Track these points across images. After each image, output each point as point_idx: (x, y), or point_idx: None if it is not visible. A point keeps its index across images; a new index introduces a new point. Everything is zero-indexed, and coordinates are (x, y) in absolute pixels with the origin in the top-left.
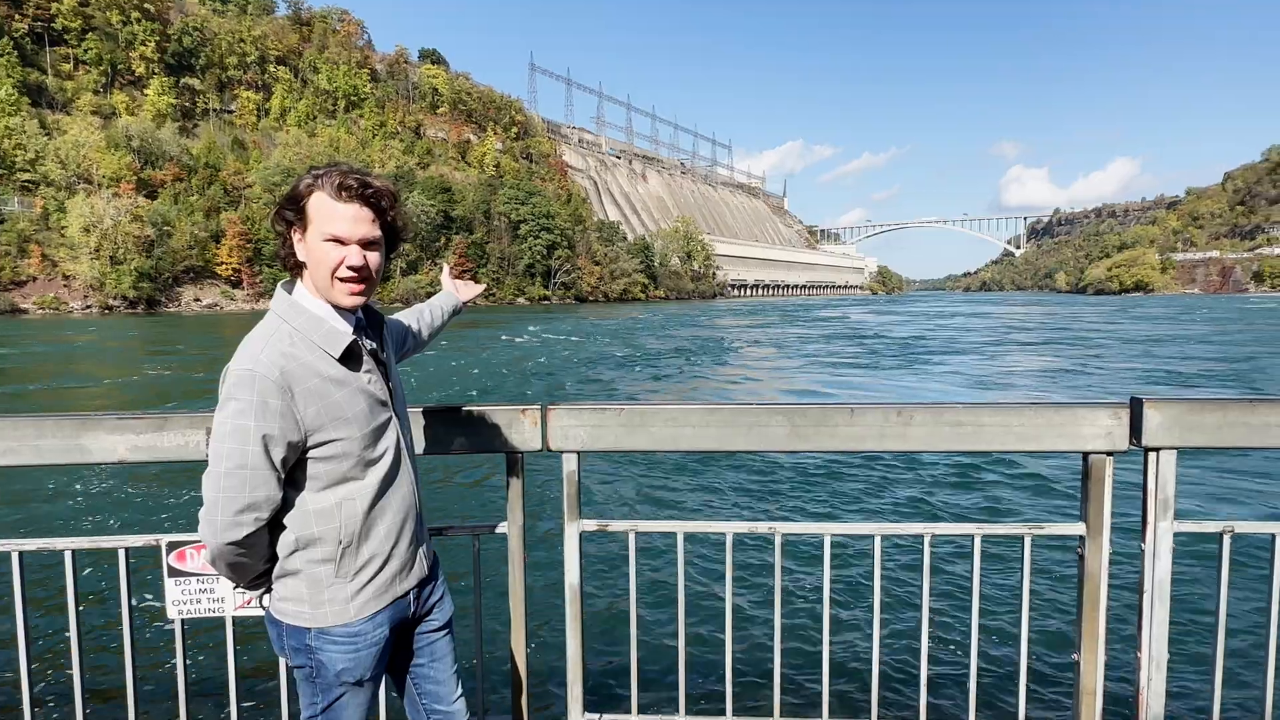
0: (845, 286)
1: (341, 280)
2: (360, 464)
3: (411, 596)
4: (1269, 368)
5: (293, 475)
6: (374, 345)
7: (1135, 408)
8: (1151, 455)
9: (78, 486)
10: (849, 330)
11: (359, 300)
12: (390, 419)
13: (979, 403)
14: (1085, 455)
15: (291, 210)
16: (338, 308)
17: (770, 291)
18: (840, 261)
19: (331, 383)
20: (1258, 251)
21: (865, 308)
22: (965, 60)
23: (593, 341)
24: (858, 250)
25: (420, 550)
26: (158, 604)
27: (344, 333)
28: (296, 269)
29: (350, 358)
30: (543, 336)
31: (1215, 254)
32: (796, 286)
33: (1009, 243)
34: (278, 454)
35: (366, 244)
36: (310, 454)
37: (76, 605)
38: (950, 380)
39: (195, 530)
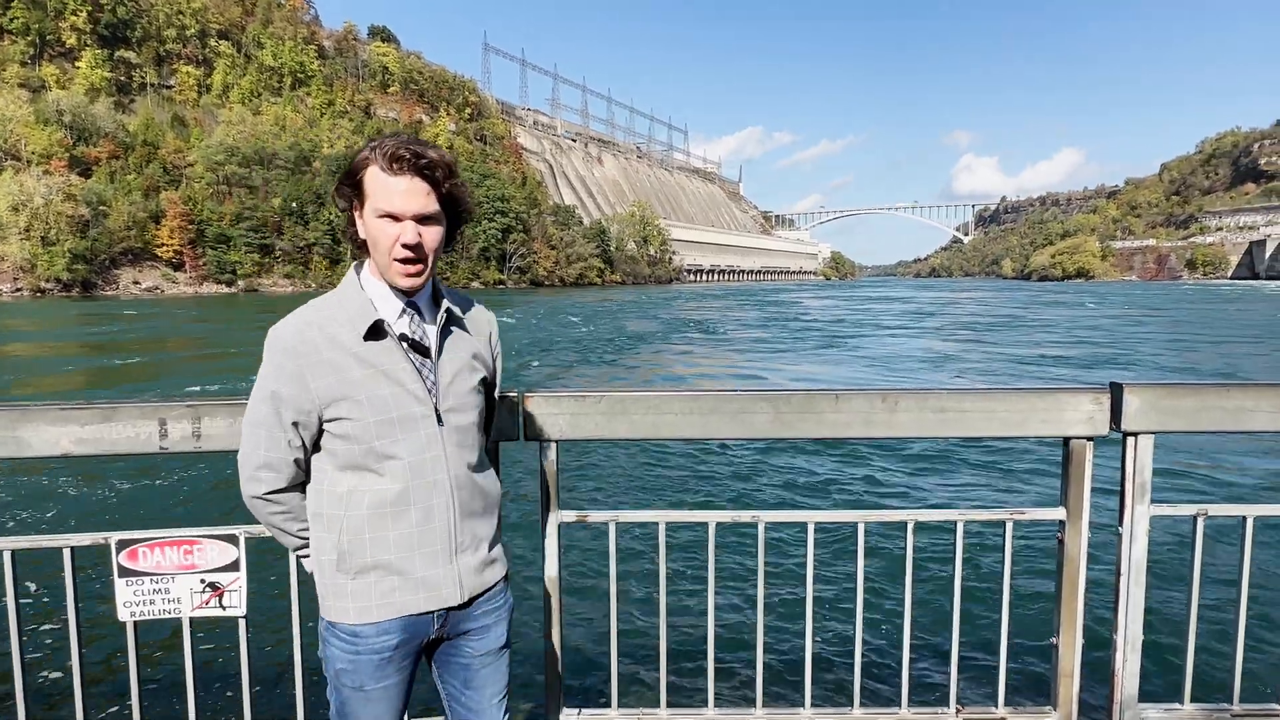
0: (799, 272)
1: (397, 259)
2: (373, 454)
3: (434, 618)
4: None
5: (319, 446)
6: (419, 334)
7: (1115, 393)
8: (1130, 440)
9: (17, 482)
10: (802, 314)
11: (415, 281)
12: (426, 419)
13: (963, 388)
14: (1066, 440)
15: (349, 186)
16: (395, 289)
17: (725, 277)
18: (795, 247)
19: (353, 359)
20: (1191, 240)
21: (818, 292)
22: (925, 49)
23: (558, 326)
24: (812, 236)
25: (454, 575)
26: (108, 606)
27: (373, 311)
28: (363, 248)
29: (378, 338)
30: (505, 321)
31: (1151, 242)
32: (751, 272)
33: (958, 230)
34: (288, 417)
35: (422, 219)
36: (326, 427)
37: (17, 610)
38: (896, 359)
39: (147, 527)
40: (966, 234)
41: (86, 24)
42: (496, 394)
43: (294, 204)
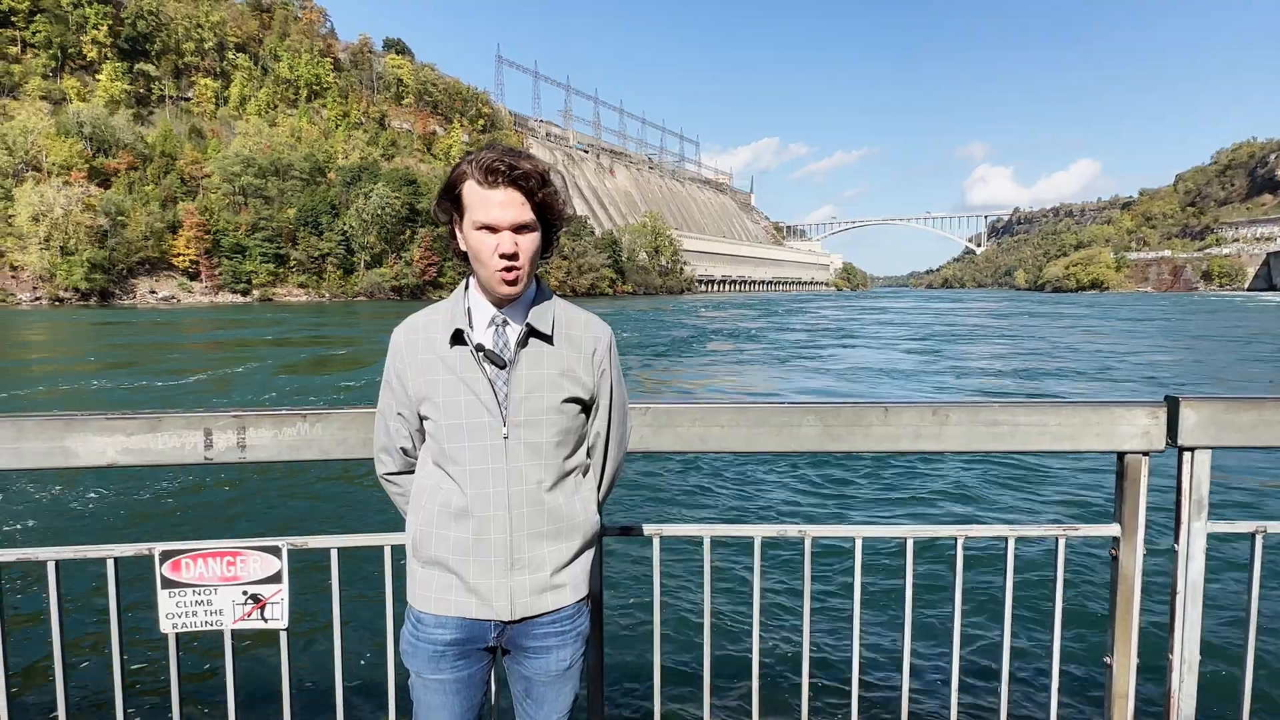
0: (811, 283)
1: (495, 269)
2: (445, 455)
3: (490, 627)
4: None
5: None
6: (499, 345)
7: (1171, 406)
8: (1186, 455)
9: (62, 491)
10: (815, 325)
11: (514, 289)
12: (493, 430)
13: (1014, 401)
14: (1120, 455)
15: (449, 200)
16: (492, 299)
17: (737, 287)
18: (806, 258)
19: (441, 363)
20: (1207, 251)
21: (823, 303)
22: (944, 61)
23: None
24: (823, 247)
25: (506, 591)
26: (150, 617)
27: (461, 318)
28: (465, 259)
29: (461, 345)
30: None
31: (1167, 253)
32: (763, 282)
33: (970, 241)
34: (394, 407)
35: (518, 228)
36: (423, 422)
37: (61, 620)
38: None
39: (190, 538)
40: (979, 245)
41: (107, 37)
42: (607, 415)
43: (309, 214)
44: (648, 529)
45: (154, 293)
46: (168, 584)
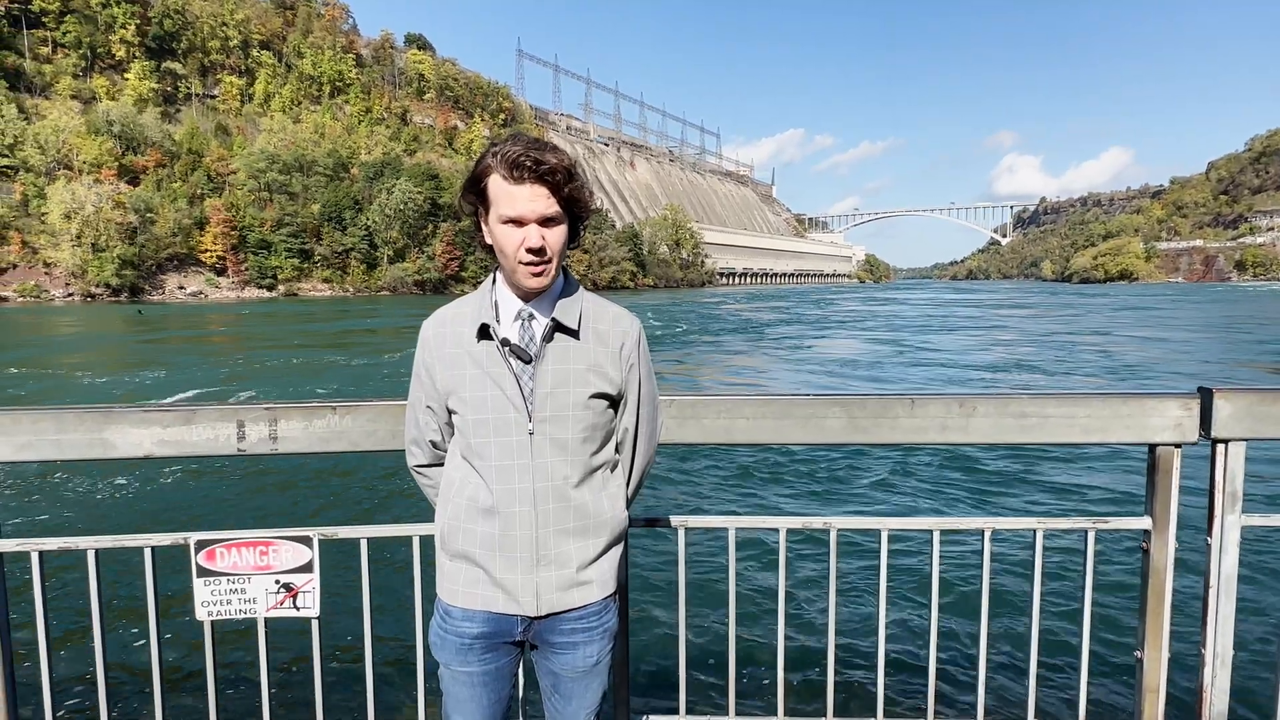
0: (833, 275)
1: (522, 263)
2: (471, 450)
3: (518, 621)
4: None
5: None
6: (526, 340)
7: (1205, 398)
8: (1220, 447)
9: (101, 483)
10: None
11: (542, 281)
12: (519, 426)
13: (1043, 393)
14: (1152, 447)
15: (474, 194)
16: (521, 292)
17: (758, 280)
18: (828, 250)
19: (468, 357)
20: (1240, 240)
21: (850, 296)
22: (969, 50)
23: None
24: (846, 239)
25: (532, 587)
26: (186, 605)
27: (488, 313)
28: (491, 252)
29: (487, 340)
30: None
31: (1199, 243)
32: (785, 275)
33: (996, 231)
34: (422, 401)
35: (545, 221)
36: (451, 415)
37: (100, 607)
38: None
39: (225, 528)
40: (1004, 236)
41: (135, 37)
42: (635, 410)
43: (332, 209)
44: (673, 520)
45: (182, 288)
46: (203, 573)
